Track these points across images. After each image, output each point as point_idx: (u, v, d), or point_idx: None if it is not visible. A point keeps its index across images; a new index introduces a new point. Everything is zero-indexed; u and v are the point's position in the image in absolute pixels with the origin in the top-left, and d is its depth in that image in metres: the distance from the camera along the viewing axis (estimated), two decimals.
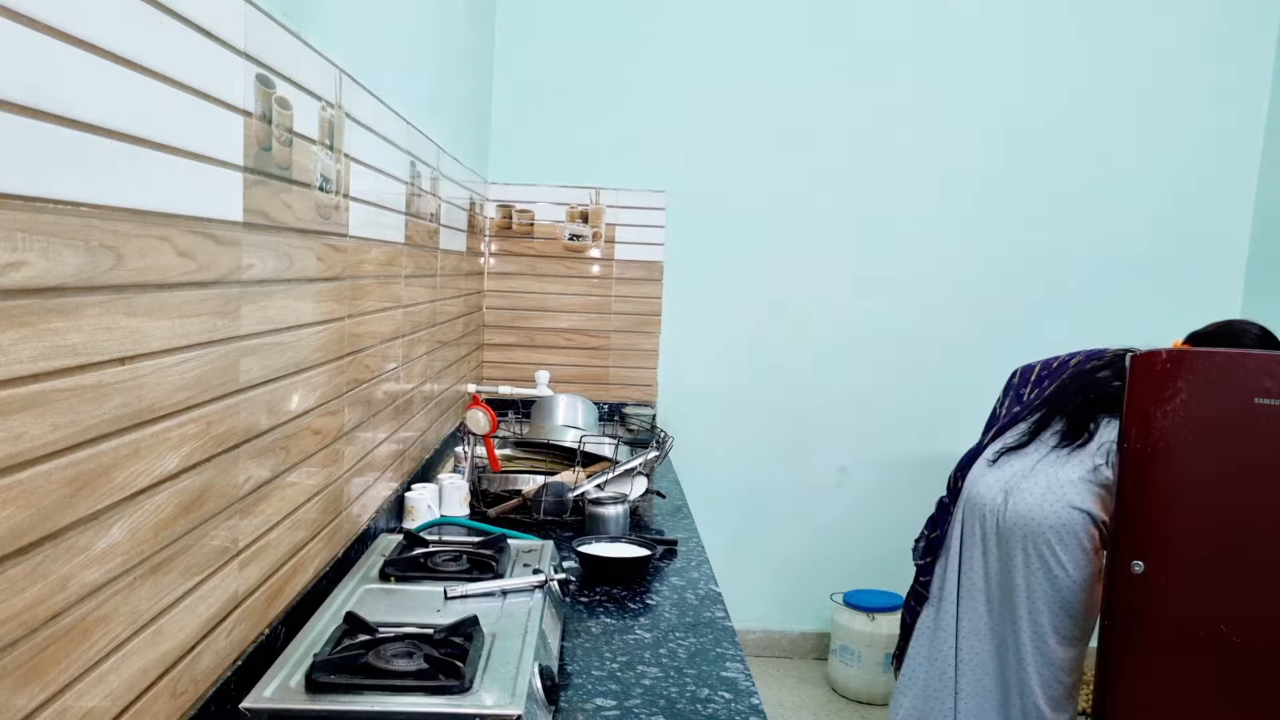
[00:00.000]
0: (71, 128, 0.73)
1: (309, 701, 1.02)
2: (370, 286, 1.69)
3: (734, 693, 1.32)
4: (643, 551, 1.83)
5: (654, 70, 3.47)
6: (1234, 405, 2.55)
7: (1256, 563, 2.57)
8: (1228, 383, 2.57)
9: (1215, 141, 3.59)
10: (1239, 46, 3.57)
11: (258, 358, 1.15)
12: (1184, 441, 2.58)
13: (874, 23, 3.50)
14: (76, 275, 0.75)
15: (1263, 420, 2.52)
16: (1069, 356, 2.58)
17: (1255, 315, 3.62)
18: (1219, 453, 2.57)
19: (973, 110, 3.54)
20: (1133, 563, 2.59)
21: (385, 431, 1.88)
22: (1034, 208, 3.60)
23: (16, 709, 0.70)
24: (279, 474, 1.25)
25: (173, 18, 0.89)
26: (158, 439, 0.90)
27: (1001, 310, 3.65)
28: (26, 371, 0.69)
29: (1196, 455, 2.58)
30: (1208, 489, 2.60)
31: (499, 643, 1.20)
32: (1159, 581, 2.62)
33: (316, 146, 1.35)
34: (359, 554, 1.62)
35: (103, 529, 0.80)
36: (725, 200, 3.53)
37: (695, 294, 3.55)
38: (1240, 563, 2.57)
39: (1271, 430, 2.53)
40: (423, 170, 2.13)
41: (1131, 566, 2.60)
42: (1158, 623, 2.61)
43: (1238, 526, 2.56)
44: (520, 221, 3.48)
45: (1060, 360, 2.59)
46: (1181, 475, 2.61)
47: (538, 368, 3.36)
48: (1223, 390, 2.57)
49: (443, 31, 2.40)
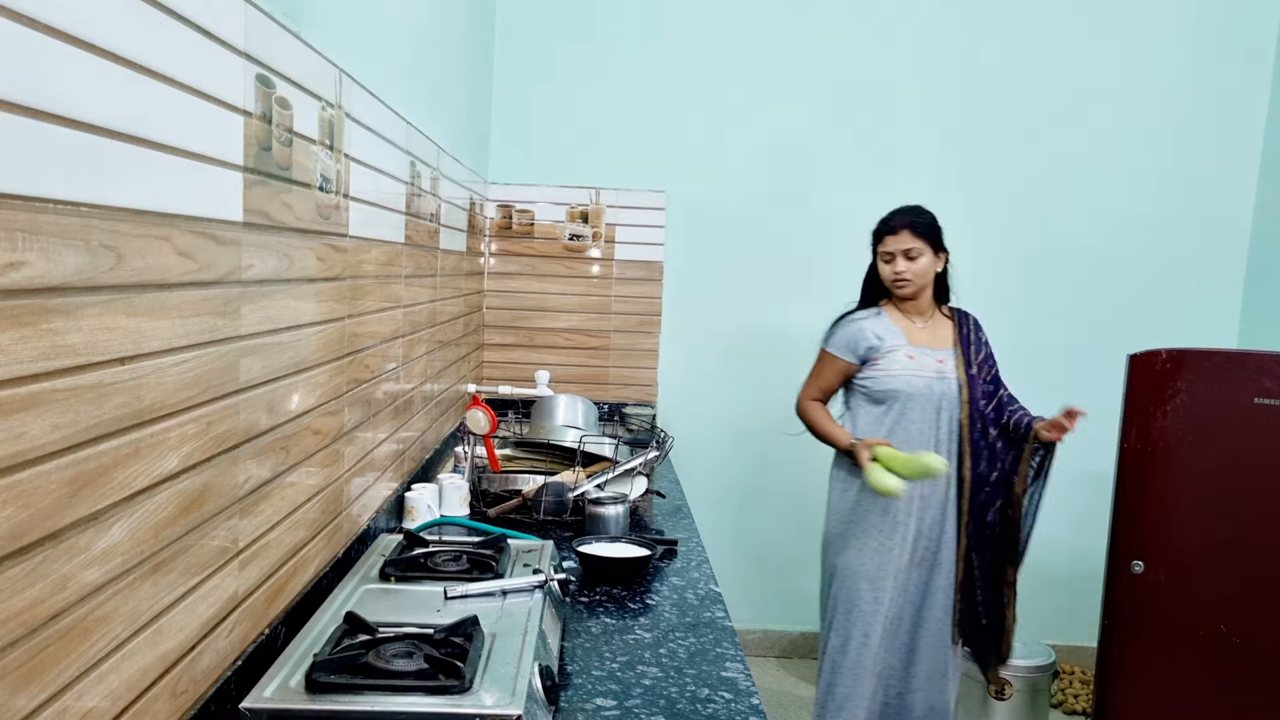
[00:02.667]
0: (71, 128, 0.73)
1: (309, 701, 1.02)
2: (370, 286, 1.69)
3: (734, 693, 1.32)
4: (643, 552, 1.83)
5: (654, 70, 3.47)
6: (1234, 405, 2.56)
7: (1256, 562, 2.57)
8: (1227, 383, 2.58)
9: (1215, 141, 3.59)
10: (1239, 46, 3.57)
11: (258, 358, 1.15)
12: (1184, 441, 2.59)
13: (874, 23, 3.50)
14: (76, 275, 0.74)
15: (1262, 420, 2.52)
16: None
17: (1255, 315, 3.62)
18: (1219, 452, 2.58)
19: (973, 110, 3.54)
20: (1133, 563, 2.60)
21: (385, 431, 1.88)
22: (1034, 208, 3.60)
23: (16, 709, 0.70)
24: (279, 474, 1.25)
25: (172, 17, 0.89)
26: (158, 439, 0.90)
27: (1001, 310, 3.64)
28: (26, 371, 0.69)
29: (1196, 455, 2.59)
30: (1208, 489, 2.61)
31: (499, 643, 1.20)
32: (1158, 580, 2.62)
33: (316, 146, 1.35)
34: (359, 554, 1.62)
35: (103, 529, 0.80)
36: (725, 200, 3.53)
37: (695, 294, 3.55)
38: (1239, 562, 2.58)
39: (1271, 430, 2.53)
40: (423, 170, 2.13)
41: (1131, 566, 2.61)
42: (1158, 622, 2.62)
43: (1238, 526, 2.56)
44: (520, 221, 3.48)
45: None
46: (1181, 475, 2.62)
47: (538, 368, 3.36)
48: (1223, 390, 2.58)
49: (443, 31, 2.40)
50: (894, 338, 2.49)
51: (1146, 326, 3.64)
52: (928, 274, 2.46)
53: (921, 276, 2.45)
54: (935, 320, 2.55)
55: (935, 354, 2.49)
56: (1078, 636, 3.75)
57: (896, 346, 2.48)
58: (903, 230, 2.43)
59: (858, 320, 2.53)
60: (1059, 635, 3.67)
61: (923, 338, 2.51)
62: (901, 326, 2.51)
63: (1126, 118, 3.57)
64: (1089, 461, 3.79)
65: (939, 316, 2.56)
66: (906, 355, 2.46)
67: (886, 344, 2.48)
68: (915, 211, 2.48)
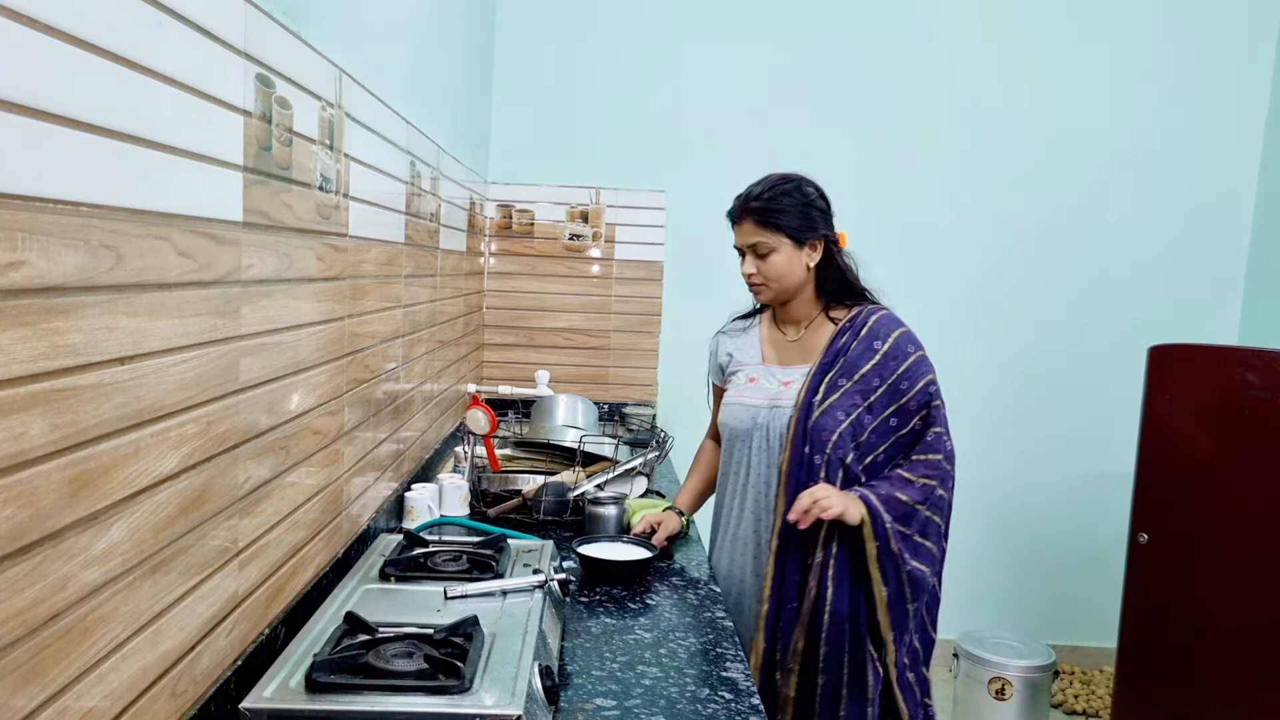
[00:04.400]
0: (71, 127, 0.73)
1: (309, 701, 1.02)
2: (370, 286, 1.69)
3: (734, 693, 1.32)
4: (643, 553, 1.82)
5: (654, 70, 3.47)
6: (1223, 396, 2.68)
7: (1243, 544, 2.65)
8: (1218, 375, 2.72)
9: (1215, 141, 3.59)
10: (1239, 46, 3.57)
11: (258, 357, 1.15)
12: (1190, 425, 2.74)
13: (875, 24, 3.50)
14: (76, 275, 0.74)
15: (1245, 410, 2.65)
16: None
17: (1255, 315, 3.62)
18: (1217, 437, 2.69)
19: (973, 110, 3.54)
20: (1139, 535, 2.85)
21: (385, 431, 1.88)
22: (1033, 208, 3.60)
23: (16, 709, 0.70)
24: (279, 474, 1.25)
25: (173, 17, 0.89)
26: (158, 439, 0.90)
27: (1001, 310, 3.65)
28: (26, 371, 0.69)
29: (1199, 438, 2.72)
30: (1205, 471, 2.73)
31: (499, 643, 1.19)
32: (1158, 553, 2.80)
33: (316, 146, 1.35)
34: (359, 554, 1.62)
35: (103, 529, 0.80)
36: (725, 200, 3.51)
37: (695, 294, 3.55)
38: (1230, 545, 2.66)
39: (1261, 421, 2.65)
40: (423, 170, 2.13)
41: (1138, 538, 2.85)
42: (1164, 595, 2.77)
43: (1229, 508, 2.67)
44: (520, 221, 3.48)
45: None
46: (1183, 458, 2.75)
47: (538, 368, 3.36)
48: (1215, 381, 2.71)
49: (443, 31, 2.40)
50: (745, 354, 1.95)
51: (1146, 327, 3.64)
52: (790, 273, 1.82)
53: (780, 279, 1.82)
54: (813, 329, 1.88)
55: (783, 374, 1.86)
56: (1084, 637, 3.76)
57: (742, 366, 1.93)
58: (745, 220, 1.84)
59: (720, 334, 2.05)
60: (1059, 635, 3.68)
61: (784, 353, 1.90)
62: (765, 340, 1.94)
63: (1126, 118, 3.57)
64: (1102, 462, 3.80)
65: (823, 323, 1.88)
66: (748, 379, 1.89)
67: (733, 363, 1.96)
68: (763, 193, 1.83)
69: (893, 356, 1.79)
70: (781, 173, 1.88)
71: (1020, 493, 3.71)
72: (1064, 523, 3.72)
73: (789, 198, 1.82)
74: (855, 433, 1.76)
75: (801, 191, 1.83)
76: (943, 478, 1.78)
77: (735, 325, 2.03)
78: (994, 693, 3.03)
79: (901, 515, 1.73)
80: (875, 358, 1.79)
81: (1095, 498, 3.69)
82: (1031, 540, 3.74)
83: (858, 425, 1.76)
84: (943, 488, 1.78)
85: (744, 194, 1.87)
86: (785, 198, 1.81)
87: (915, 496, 1.74)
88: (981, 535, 3.67)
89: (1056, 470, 3.71)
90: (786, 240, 1.81)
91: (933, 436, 1.79)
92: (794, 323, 1.91)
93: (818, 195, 1.86)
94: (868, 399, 1.77)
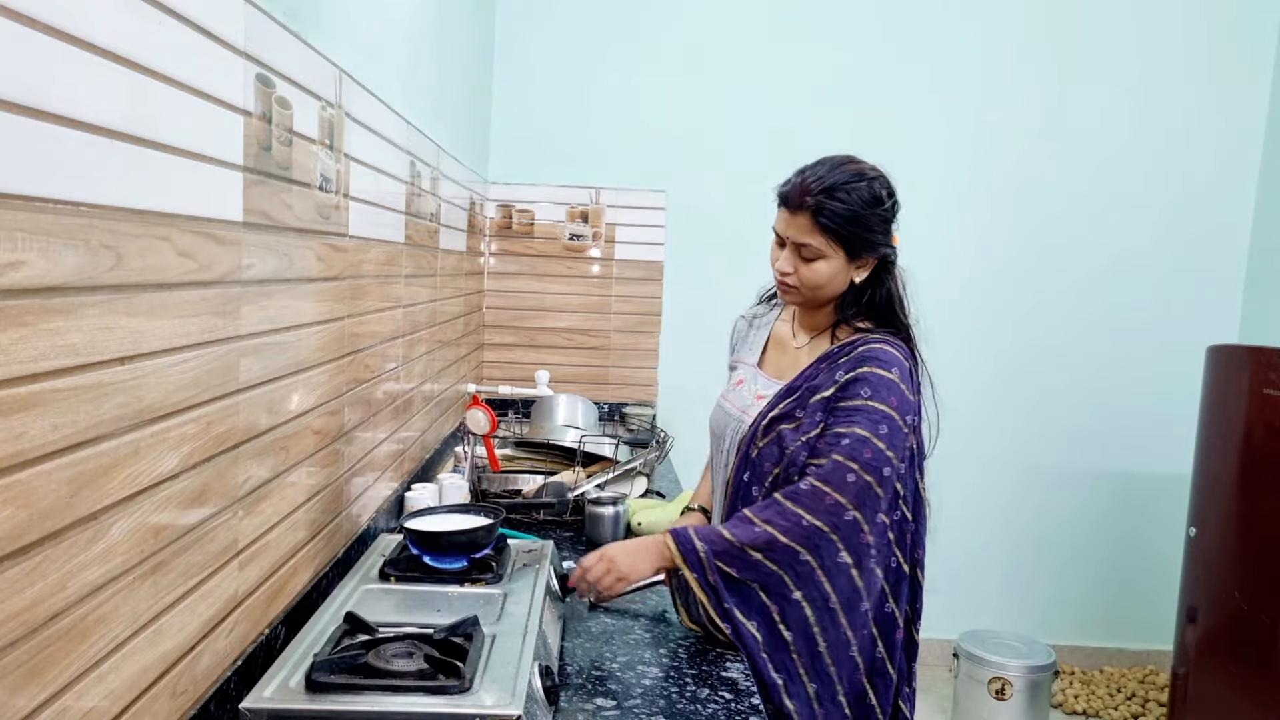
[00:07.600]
0: (71, 127, 0.73)
1: (309, 701, 1.02)
2: (370, 286, 1.69)
3: (734, 693, 1.32)
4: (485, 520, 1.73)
5: (654, 70, 3.47)
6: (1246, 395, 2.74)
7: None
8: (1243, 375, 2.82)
9: (1215, 142, 3.59)
10: (1239, 47, 3.57)
11: (258, 358, 1.15)
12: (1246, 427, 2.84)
13: (875, 24, 3.50)
14: (76, 275, 0.74)
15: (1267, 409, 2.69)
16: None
17: (1255, 315, 3.62)
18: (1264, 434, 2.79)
19: (973, 111, 3.54)
20: (1189, 528, 2.96)
21: (385, 431, 1.88)
22: (1033, 209, 3.60)
23: (16, 709, 0.70)
24: (279, 474, 1.25)
25: (173, 17, 0.89)
26: (158, 439, 0.90)
27: (1001, 310, 3.65)
28: (26, 371, 0.69)
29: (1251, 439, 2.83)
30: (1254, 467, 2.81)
31: (499, 643, 1.19)
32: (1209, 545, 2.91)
33: (316, 146, 1.35)
34: (359, 554, 1.62)
35: (103, 529, 0.80)
36: (725, 200, 3.53)
37: (695, 294, 3.55)
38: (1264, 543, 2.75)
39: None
40: (423, 170, 2.13)
41: (1188, 531, 2.96)
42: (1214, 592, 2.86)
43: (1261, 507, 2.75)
44: (520, 221, 3.48)
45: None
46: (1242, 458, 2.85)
47: (538, 368, 3.36)
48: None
49: (443, 31, 2.40)
50: (748, 351, 1.76)
51: (1146, 327, 3.64)
52: (830, 286, 1.55)
53: (818, 289, 1.56)
54: (816, 343, 1.63)
55: (764, 385, 1.64)
56: (1084, 637, 3.76)
57: (740, 363, 1.76)
58: (802, 212, 1.52)
59: (740, 319, 1.86)
60: (1059, 635, 3.68)
61: (781, 361, 1.68)
62: (773, 339, 1.74)
63: (1126, 118, 3.57)
64: (1102, 461, 3.80)
65: (826, 339, 1.62)
66: (737, 379, 1.73)
67: (735, 356, 1.80)
68: (833, 185, 1.51)
69: (844, 389, 1.47)
70: (854, 159, 1.60)
71: (1020, 493, 3.71)
72: (1064, 523, 3.72)
73: (858, 196, 1.51)
74: (793, 470, 1.48)
75: (873, 193, 1.53)
76: (807, 533, 1.41)
77: (758, 310, 1.82)
78: (994, 693, 3.03)
79: (723, 552, 1.43)
80: (829, 390, 1.49)
81: (1096, 497, 3.69)
82: (1031, 540, 3.74)
83: (793, 463, 1.49)
84: (812, 540, 1.41)
85: (807, 175, 1.55)
86: (855, 195, 1.51)
87: (746, 539, 1.42)
88: (981, 535, 3.67)
89: (1056, 470, 3.72)
90: (841, 252, 1.52)
91: (814, 471, 1.44)
92: (808, 329, 1.66)
93: (888, 196, 1.57)
94: (807, 434, 1.48)
